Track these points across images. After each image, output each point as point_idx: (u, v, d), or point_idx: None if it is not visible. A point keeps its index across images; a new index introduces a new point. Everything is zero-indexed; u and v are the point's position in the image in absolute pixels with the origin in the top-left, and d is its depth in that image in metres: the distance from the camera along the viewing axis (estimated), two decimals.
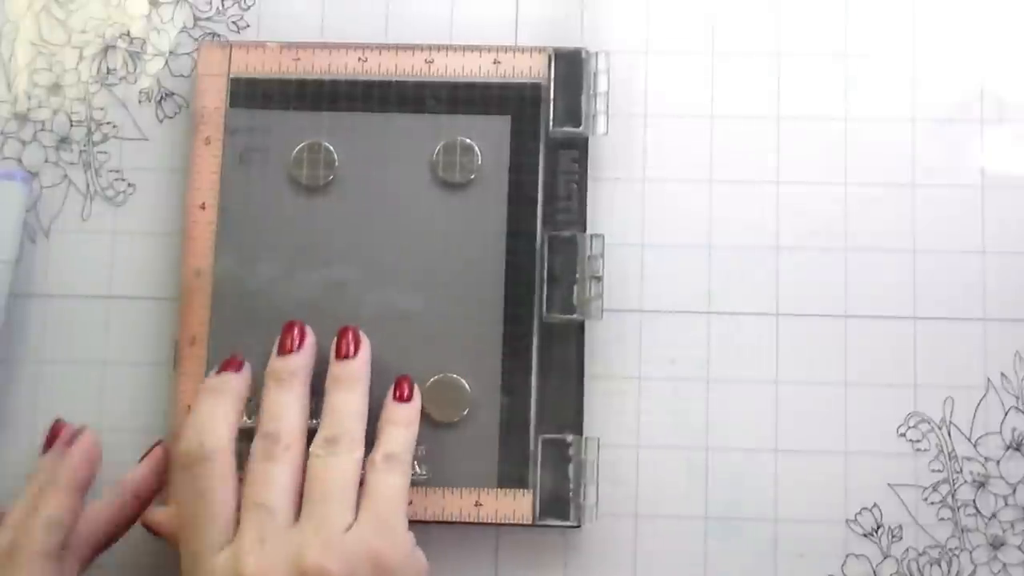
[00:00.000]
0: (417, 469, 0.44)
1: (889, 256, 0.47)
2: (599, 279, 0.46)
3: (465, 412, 0.45)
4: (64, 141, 0.49)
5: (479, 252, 0.46)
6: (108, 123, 0.49)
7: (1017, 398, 0.47)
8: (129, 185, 0.49)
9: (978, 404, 0.46)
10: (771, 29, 0.49)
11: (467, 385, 0.45)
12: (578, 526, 0.45)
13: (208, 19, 0.50)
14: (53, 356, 0.48)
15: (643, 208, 0.48)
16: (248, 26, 0.50)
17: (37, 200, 0.49)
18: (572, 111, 0.47)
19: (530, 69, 0.47)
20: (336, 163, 0.47)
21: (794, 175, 0.48)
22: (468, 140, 0.47)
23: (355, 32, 0.49)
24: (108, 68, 0.50)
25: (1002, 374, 0.47)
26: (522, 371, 0.46)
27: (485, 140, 0.47)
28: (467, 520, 0.44)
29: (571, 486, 0.45)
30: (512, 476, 0.45)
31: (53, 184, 0.49)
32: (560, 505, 0.45)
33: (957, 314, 0.47)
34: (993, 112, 0.48)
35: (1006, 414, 0.46)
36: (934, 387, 0.46)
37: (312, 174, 0.47)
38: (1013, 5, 0.49)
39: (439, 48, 0.48)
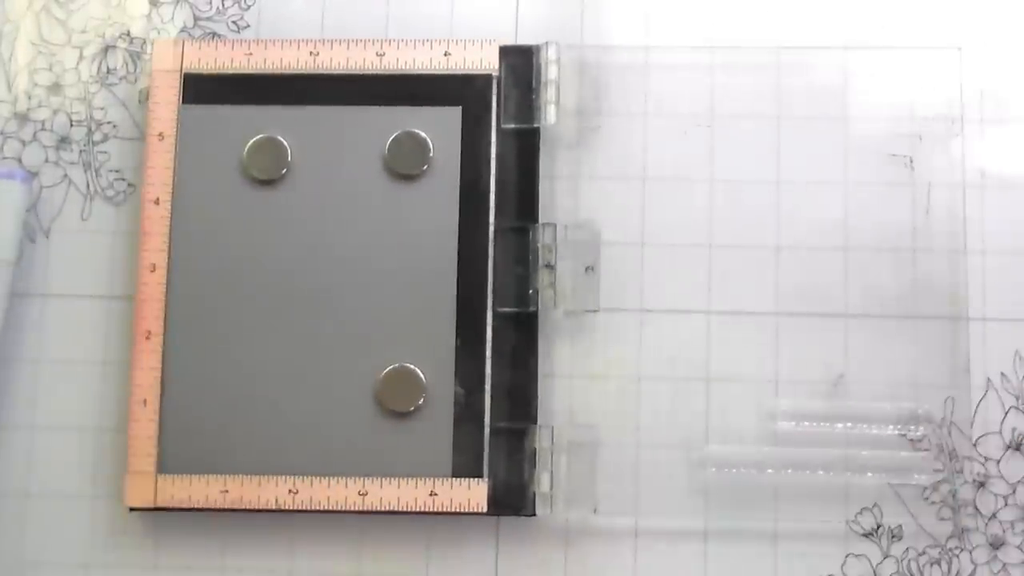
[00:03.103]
0: None
1: (889, 255, 0.47)
2: (552, 268, 0.46)
3: (420, 402, 0.45)
4: (64, 141, 0.49)
5: (432, 243, 0.46)
6: (108, 123, 0.49)
7: (1017, 398, 0.46)
8: (129, 185, 0.49)
9: (978, 404, 0.46)
10: (772, 27, 0.49)
11: (422, 375, 0.45)
12: (533, 515, 0.45)
13: (208, 19, 0.50)
14: (53, 356, 0.48)
15: (643, 207, 0.48)
16: (248, 26, 0.50)
17: (37, 200, 0.49)
18: (523, 103, 0.47)
19: (481, 61, 0.47)
20: (289, 157, 0.47)
21: (794, 175, 0.48)
22: (420, 132, 0.47)
23: (355, 31, 0.49)
24: (108, 68, 0.50)
25: (1002, 374, 0.47)
26: (476, 361, 0.46)
27: (437, 132, 0.47)
28: (422, 510, 0.45)
29: (526, 475, 0.45)
30: (467, 465, 0.45)
31: (53, 184, 0.49)
32: (515, 494, 0.45)
33: (957, 313, 0.47)
34: (993, 112, 0.48)
35: (1006, 414, 0.46)
36: (934, 387, 0.46)
37: (265, 168, 0.47)
38: (1014, 5, 0.49)
39: (390, 41, 0.48)
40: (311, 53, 0.48)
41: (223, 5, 0.50)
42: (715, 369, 0.47)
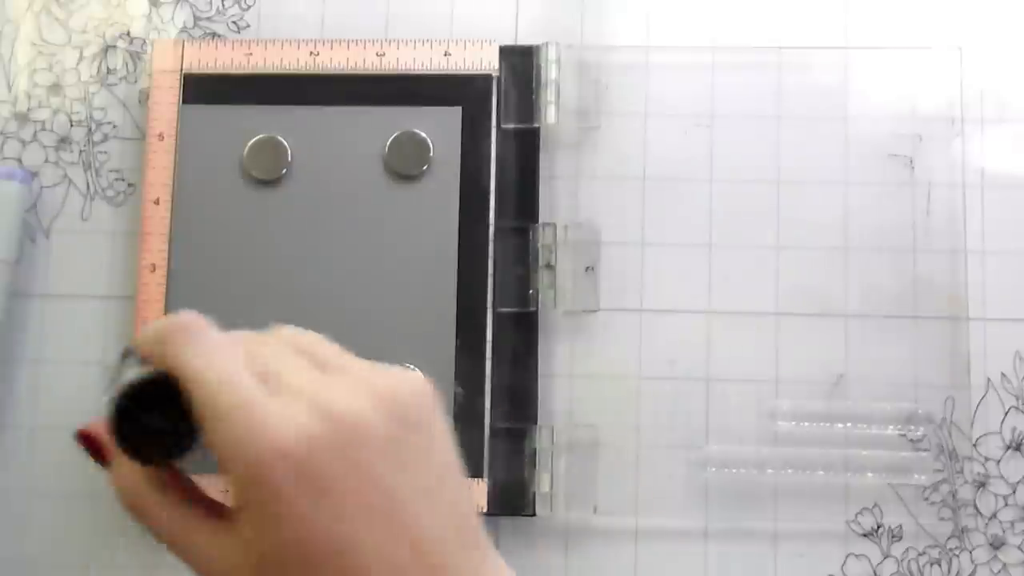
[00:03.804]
0: None
1: (889, 255, 0.47)
2: (552, 268, 0.46)
3: None
4: (64, 141, 0.49)
5: (432, 243, 0.47)
6: (108, 123, 0.49)
7: (1017, 398, 0.46)
8: (129, 185, 0.49)
9: (978, 404, 0.46)
10: (772, 26, 0.49)
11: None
12: (534, 515, 0.45)
13: (208, 19, 0.50)
14: (53, 356, 0.48)
15: (643, 207, 0.48)
16: (248, 26, 0.50)
17: (37, 200, 0.49)
18: (523, 103, 0.48)
19: (481, 61, 0.48)
20: (290, 157, 0.47)
21: (794, 175, 0.48)
22: (420, 132, 0.47)
23: (355, 31, 0.49)
24: (108, 68, 0.50)
25: (1002, 374, 0.47)
26: (476, 361, 0.46)
27: (437, 132, 0.47)
28: None
29: (526, 475, 0.45)
30: (467, 465, 0.45)
31: (53, 184, 0.49)
32: (515, 494, 0.45)
33: (957, 313, 0.47)
34: (993, 112, 0.48)
35: (1006, 414, 0.46)
36: (934, 387, 0.46)
37: (266, 168, 0.47)
38: (1014, 5, 0.49)
39: (390, 41, 0.48)
40: (311, 53, 0.48)
41: (223, 5, 0.50)
42: (715, 369, 0.47)
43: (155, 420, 0.28)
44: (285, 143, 0.47)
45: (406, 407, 0.29)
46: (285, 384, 0.28)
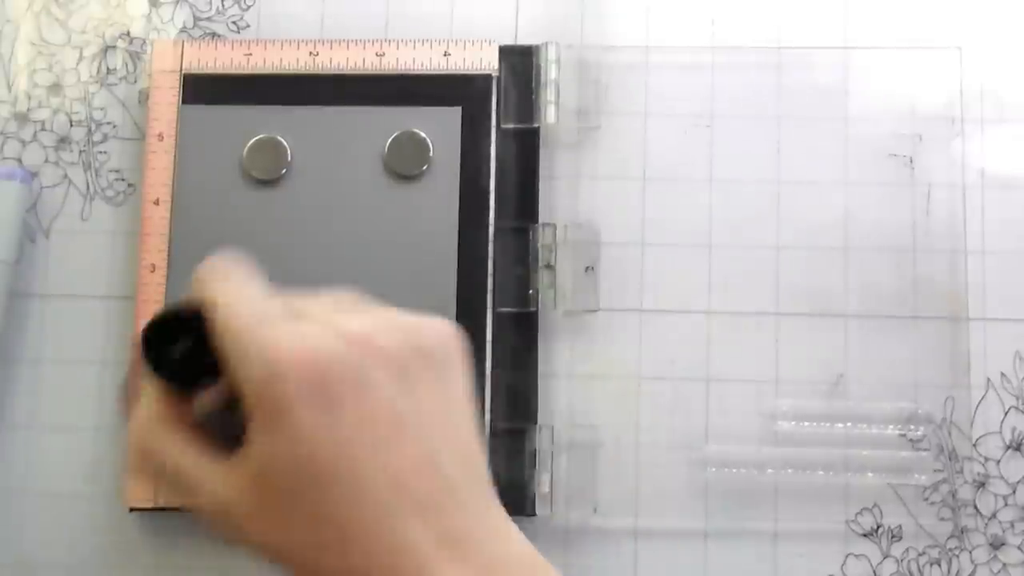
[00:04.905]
0: None
1: (889, 255, 0.47)
2: (552, 268, 0.46)
3: None
4: (64, 141, 0.49)
5: (432, 243, 0.47)
6: (108, 123, 0.49)
7: (1017, 398, 0.46)
8: (129, 185, 0.49)
9: (978, 404, 0.46)
10: (771, 26, 0.49)
11: None
12: (534, 515, 0.45)
13: (208, 19, 0.50)
14: (53, 356, 0.48)
15: (643, 207, 0.48)
16: (248, 26, 0.50)
17: (37, 200, 0.49)
18: (523, 103, 0.48)
19: (481, 61, 0.48)
20: (289, 157, 0.47)
21: (794, 175, 0.48)
22: (420, 132, 0.47)
23: (355, 31, 0.49)
24: (108, 68, 0.50)
25: (1002, 374, 0.47)
26: (476, 361, 0.45)
27: (436, 132, 0.47)
28: None
29: (526, 475, 0.45)
30: None
31: (53, 184, 0.49)
32: (515, 494, 0.45)
33: (957, 314, 0.47)
34: (993, 112, 0.48)
35: (1006, 414, 0.46)
36: (934, 387, 0.46)
37: (265, 168, 0.47)
38: (1014, 5, 0.49)
39: (390, 41, 0.48)
40: (311, 53, 0.48)
41: (223, 5, 0.50)
42: (715, 369, 0.47)
43: (180, 347, 0.30)
44: (285, 143, 0.47)
45: (425, 340, 0.29)
46: (306, 314, 0.29)
